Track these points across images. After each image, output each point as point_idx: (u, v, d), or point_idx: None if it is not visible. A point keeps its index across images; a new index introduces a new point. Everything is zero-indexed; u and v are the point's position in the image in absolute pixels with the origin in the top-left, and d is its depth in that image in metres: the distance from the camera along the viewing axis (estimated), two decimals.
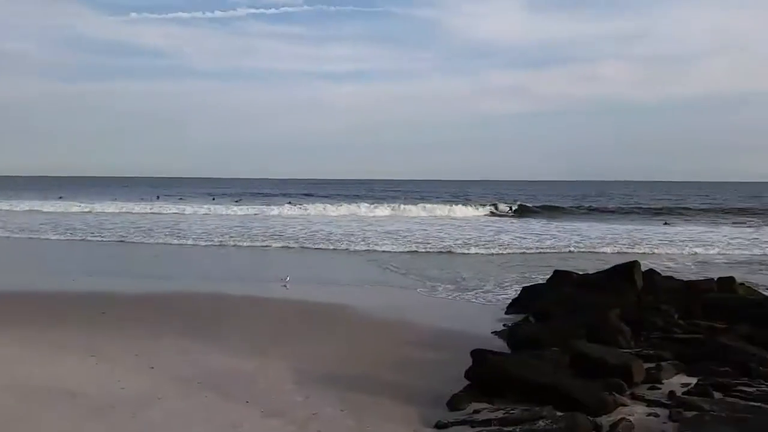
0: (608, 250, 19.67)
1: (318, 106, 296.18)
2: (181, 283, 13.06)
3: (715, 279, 10.36)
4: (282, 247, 20.52)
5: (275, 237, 22.74)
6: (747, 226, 29.91)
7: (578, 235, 24.24)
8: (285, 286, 12.66)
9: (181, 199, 53.82)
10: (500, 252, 19.20)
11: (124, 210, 38.12)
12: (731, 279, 10.23)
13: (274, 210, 37.89)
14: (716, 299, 9.30)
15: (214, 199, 54.59)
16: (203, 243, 21.23)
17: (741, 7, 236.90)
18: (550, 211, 41.96)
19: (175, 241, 21.67)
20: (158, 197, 55.78)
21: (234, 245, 20.85)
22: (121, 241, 22.11)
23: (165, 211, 37.40)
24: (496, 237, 23.36)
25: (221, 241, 21.54)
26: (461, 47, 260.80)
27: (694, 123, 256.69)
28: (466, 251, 19.26)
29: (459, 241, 21.55)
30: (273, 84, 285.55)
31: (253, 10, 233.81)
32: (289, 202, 46.19)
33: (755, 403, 5.28)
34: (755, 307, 8.79)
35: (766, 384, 5.75)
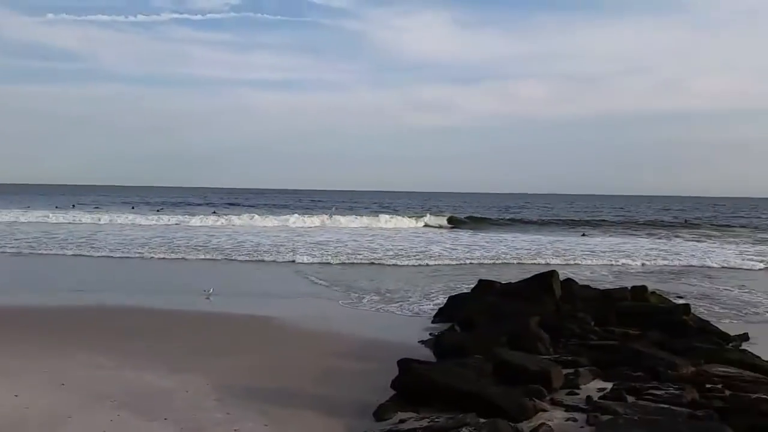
0: (531, 260, 20.29)
1: (243, 113, 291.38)
2: (96, 297, 12.40)
3: (629, 288, 10.88)
4: (206, 258, 19.94)
5: (199, 248, 22.06)
6: (658, 238, 31.74)
7: (505, 245, 24.92)
8: (208, 298, 12.29)
9: (97, 207, 51.53)
10: (429, 263, 19.40)
11: (37, 219, 36.03)
12: (644, 288, 10.78)
13: (198, 220, 36.84)
14: (630, 307, 9.79)
15: (133, 208, 52.59)
16: (120, 254, 20.31)
17: (649, 31, 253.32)
18: (477, 222, 43.13)
19: (91, 253, 20.62)
20: (74, 206, 53.24)
21: (154, 257, 20.06)
22: (31, 252, 20.83)
23: (81, 221, 35.64)
24: (427, 248, 23.63)
25: (140, 253, 20.68)
26: (388, 61, 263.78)
27: (608, 139, 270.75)
28: (398, 262, 19.33)
29: (390, 252, 21.64)
30: (197, 90, 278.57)
31: (176, 15, 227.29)
32: (214, 212, 45.09)
33: (664, 405, 5.56)
34: (665, 314, 9.33)
35: (674, 387, 6.06)
